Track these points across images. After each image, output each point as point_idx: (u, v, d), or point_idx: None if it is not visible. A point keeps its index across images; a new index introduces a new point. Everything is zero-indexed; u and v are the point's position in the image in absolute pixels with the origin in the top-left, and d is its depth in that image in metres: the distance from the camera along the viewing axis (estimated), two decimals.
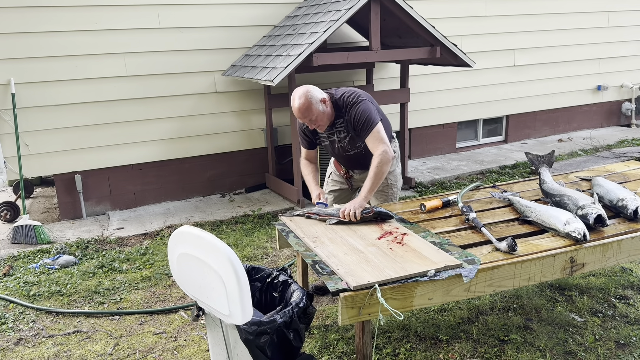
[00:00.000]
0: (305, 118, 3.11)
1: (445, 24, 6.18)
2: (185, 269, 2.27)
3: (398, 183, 3.56)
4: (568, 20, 7.54)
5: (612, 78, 8.24)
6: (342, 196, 3.60)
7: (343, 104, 3.18)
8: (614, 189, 3.09)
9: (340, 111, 3.20)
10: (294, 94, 3.10)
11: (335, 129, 3.27)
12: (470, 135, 7.55)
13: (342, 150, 3.35)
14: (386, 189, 3.50)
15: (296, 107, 3.07)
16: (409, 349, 2.92)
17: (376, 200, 3.50)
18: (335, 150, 3.39)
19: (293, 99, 3.09)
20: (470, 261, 2.45)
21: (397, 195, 3.58)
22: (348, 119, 3.17)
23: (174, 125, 5.58)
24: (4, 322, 3.40)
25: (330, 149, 3.43)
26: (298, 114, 3.09)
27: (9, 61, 4.83)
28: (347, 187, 3.59)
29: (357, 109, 3.13)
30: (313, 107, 3.06)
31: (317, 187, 3.38)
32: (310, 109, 3.06)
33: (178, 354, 3.00)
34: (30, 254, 4.47)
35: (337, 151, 3.39)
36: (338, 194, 3.61)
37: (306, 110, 3.06)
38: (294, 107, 3.08)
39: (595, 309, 3.26)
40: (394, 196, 3.55)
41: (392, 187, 3.52)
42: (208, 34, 5.54)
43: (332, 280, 2.33)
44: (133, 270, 4.09)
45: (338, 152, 3.40)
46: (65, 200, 5.32)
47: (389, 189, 3.51)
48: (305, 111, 3.07)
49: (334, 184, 3.64)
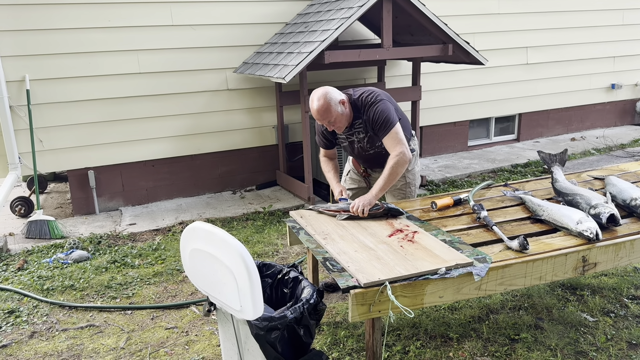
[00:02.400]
0: (324, 120, 3.08)
1: (458, 22, 6.15)
2: (197, 265, 2.29)
3: (416, 181, 3.54)
4: (582, 18, 7.48)
5: (626, 76, 8.15)
6: (360, 194, 3.53)
7: (362, 104, 3.15)
8: (627, 188, 3.07)
9: (358, 111, 3.17)
10: (313, 96, 3.06)
11: (354, 129, 3.24)
12: (482, 133, 7.51)
13: (362, 150, 3.33)
14: (404, 187, 3.48)
15: (315, 109, 3.03)
16: (419, 346, 2.92)
17: (393, 198, 3.50)
18: (354, 150, 3.37)
19: (312, 100, 3.06)
20: (482, 259, 2.45)
21: (414, 193, 3.55)
22: (366, 119, 3.15)
23: (186, 122, 5.61)
24: (18, 315, 3.44)
25: (350, 149, 3.40)
26: (317, 115, 3.06)
27: (24, 58, 4.89)
28: (365, 186, 3.56)
29: (376, 108, 3.10)
30: (332, 109, 3.03)
31: (338, 183, 3.35)
32: (329, 111, 3.03)
33: (189, 349, 3.03)
34: (44, 248, 4.52)
35: (356, 151, 3.37)
36: (356, 192, 3.59)
37: (325, 112, 3.03)
38: (313, 109, 3.05)
39: (607, 308, 3.24)
40: (412, 194, 3.52)
41: (410, 186, 3.50)
42: (220, 31, 5.56)
43: (342, 277, 2.34)
44: (145, 266, 4.13)
45: (358, 153, 3.37)
46: (79, 196, 5.37)
47: (407, 187, 3.49)
48: (324, 113, 3.03)
49: (352, 182, 3.62)
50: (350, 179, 3.63)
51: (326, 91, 3.05)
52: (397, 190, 3.47)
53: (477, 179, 6.06)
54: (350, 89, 3.27)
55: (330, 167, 3.43)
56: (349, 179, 3.64)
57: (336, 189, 3.32)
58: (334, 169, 3.44)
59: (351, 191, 3.59)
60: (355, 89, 3.26)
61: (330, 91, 3.06)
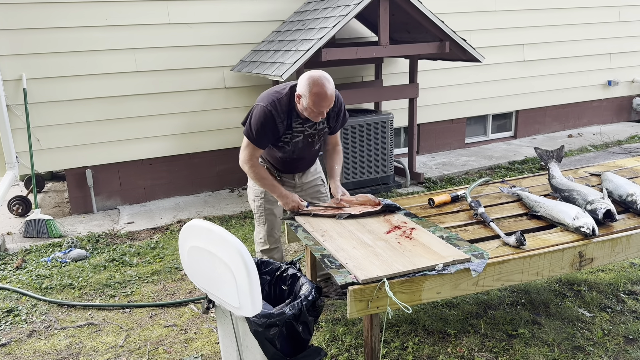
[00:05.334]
0: (329, 106, 2.83)
1: (455, 19, 6.16)
2: (195, 262, 2.29)
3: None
4: (578, 15, 7.49)
5: (623, 73, 8.18)
6: (278, 209, 3.29)
7: None
8: (623, 184, 3.08)
9: None
10: (320, 79, 2.75)
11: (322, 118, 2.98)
12: (479, 130, 7.52)
13: (311, 145, 3.09)
14: (323, 189, 3.38)
15: (329, 94, 2.76)
16: (417, 342, 2.93)
17: (308, 197, 3.28)
18: (304, 146, 3.05)
19: (320, 85, 2.74)
20: (479, 255, 2.46)
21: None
22: (336, 108, 3.00)
23: (183, 121, 5.61)
24: (17, 314, 3.45)
25: (299, 145, 3.04)
26: (329, 101, 2.78)
27: (21, 57, 4.88)
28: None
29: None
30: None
31: (289, 192, 3.08)
32: (334, 95, 2.83)
33: (188, 346, 3.03)
34: (42, 247, 4.52)
35: (305, 148, 3.06)
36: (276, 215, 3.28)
37: (333, 97, 2.80)
38: (325, 94, 2.75)
39: (604, 304, 3.26)
40: (326, 191, 3.41)
41: (325, 185, 3.41)
42: (217, 29, 5.56)
43: (340, 273, 2.35)
44: (143, 264, 4.14)
45: (303, 149, 3.07)
46: (76, 195, 5.37)
47: (324, 188, 3.40)
48: (333, 97, 2.80)
49: (268, 203, 3.22)
50: (266, 199, 3.21)
51: (326, 74, 2.81)
52: (318, 188, 3.34)
53: (474, 176, 6.08)
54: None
55: (270, 174, 3.09)
56: (265, 200, 3.22)
57: (295, 196, 3.05)
58: (273, 175, 3.13)
59: (272, 206, 3.25)
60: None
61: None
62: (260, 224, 3.29)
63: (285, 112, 2.92)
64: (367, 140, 5.45)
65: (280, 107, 2.90)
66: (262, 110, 2.90)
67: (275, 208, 3.26)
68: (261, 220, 3.27)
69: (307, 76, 2.81)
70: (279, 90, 2.97)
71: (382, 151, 5.55)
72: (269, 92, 3.01)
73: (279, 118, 2.90)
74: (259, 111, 2.90)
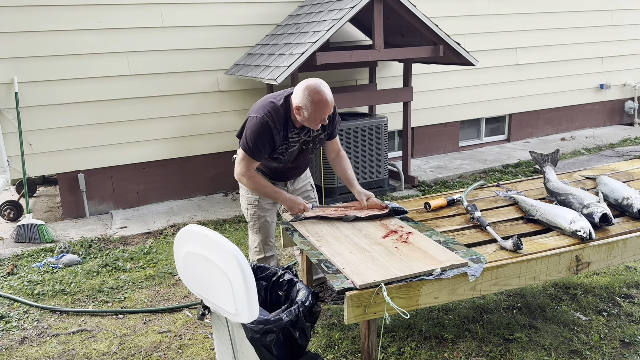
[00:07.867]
0: (330, 112, 2.81)
1: (449, 23, 6.17)
2: (191, 268, 2.27)
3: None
4: (571, 19, 7.53)
5: (615, 77, 8.23)
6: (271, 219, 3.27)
7: None
8: (618, 188, 3.09)
9: None
10: (318, 87, 2.74)
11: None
12: (473, 134, 7.54)
13: (306, 153, 3.07)
14: (312, 194, 3.37)
15: (329, 100, 2.74)
16: (414, 347, 2.92)
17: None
18: (299, 154, 3.03)
19: (320, 93, 2.72)
20: (476, 260, 2.45)
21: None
22: (331, 114, 2.95)
23: (177, 124, 5.58)
24: (8, 321, 3.40)
25: (294, 154, 3.01)
26: (330, 107, 2.76)
27: (13, 60, 4.84)
28: (275, 208, 3.25)
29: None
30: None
31: (293, 196, 3.07)
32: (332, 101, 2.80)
33: (183, 353, 3.00)
34: (34, 252, 4.47)
35: (299, 156, 3.05)
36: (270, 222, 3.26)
37: (333, 102, 2.78)
38: (326, 101, 2.73)
39: (600, 307, 3.26)
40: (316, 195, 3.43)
41: (314, 190, 3.41)
42: (211, 32, 5.53)
43: (337, 279, 2.33)
44: (137, 269, 4.10)
45: (298, 158, 3.05)
46: (69, 199, 5.32)
47: (314, 193, 3.39)
48: (333, 103, 2.78)
49: (261, 210, 3.19)
50: (259, 207, 3.17)
51: (322, 80, 2.80)
52: (304, 192, 3.30)
53: (468, 180, 6.08)
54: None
55: (267, 181, 3.05)
56: (258, 208, 3.17)
57: (298, 199, 3.03)
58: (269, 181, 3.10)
59: (265, 214, 3.22)
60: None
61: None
62: (255, 232, 3.26)
63: (282, 124, 2.87)
64: (362, 144, 5.44)
65: (277, 118, 2.85)
66: (258, 121, 2.84)
67: (269, 215, 3.23)
68: (255, 229, 3.24)
69: (303, 86, 2.77)
70: (273, 100, 2.91)
71: (376, 155, 5.55)
72: (263, 102, 2.94)
73: (275, 129, 2.84)
74: (255, 123, 2.85)
